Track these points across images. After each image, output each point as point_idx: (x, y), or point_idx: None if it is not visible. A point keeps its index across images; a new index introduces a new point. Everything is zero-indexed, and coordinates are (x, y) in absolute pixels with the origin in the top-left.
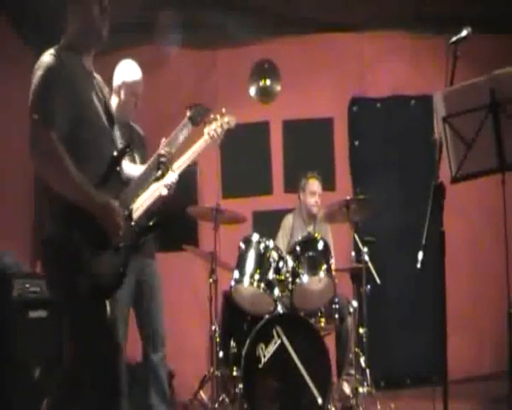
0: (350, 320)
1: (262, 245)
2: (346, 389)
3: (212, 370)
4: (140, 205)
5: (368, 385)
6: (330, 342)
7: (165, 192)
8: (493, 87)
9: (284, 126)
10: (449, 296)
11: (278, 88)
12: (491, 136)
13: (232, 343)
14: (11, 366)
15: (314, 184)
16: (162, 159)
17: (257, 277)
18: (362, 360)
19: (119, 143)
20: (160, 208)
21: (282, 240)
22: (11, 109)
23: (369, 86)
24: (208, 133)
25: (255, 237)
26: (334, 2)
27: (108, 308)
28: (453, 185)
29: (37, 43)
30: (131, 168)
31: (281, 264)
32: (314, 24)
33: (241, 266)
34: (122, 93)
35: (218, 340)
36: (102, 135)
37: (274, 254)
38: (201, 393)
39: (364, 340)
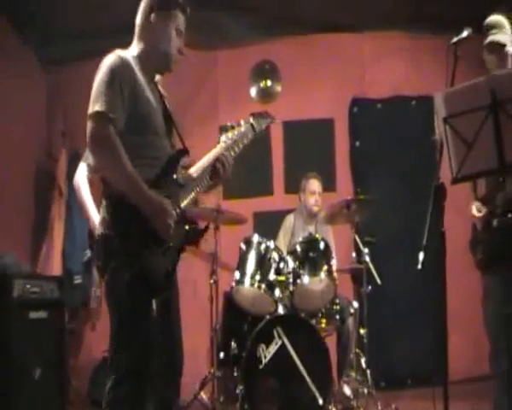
0: (351, 321)
1: (263, 246)
2: (347, 389)
3: (212, 370)
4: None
5: (368, 386)
6: (331, 342)
7: None
8: (494, 87)
9: (285, 127)
10: (449, 297)
11: (279, 89)
12: (491, 136)
13: (233, 344)
14: (11, 366)
15: (314, 184)
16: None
17: (258, 277)
18: (362, 360)
19: None
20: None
21: (283, 240)
22: (11, 109)
23: (369, 87)
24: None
25: (256, 237)
26: (335, 3)
27: (154, 308)
28: (454, 186)
29: (37, 43)
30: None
31: (281, 265)
32: (315, 25)
33: (241, 266)
34: None
35: (218, 341)
36: (158, 137)
37: (275, 255)
38: (202, 393)
39: (365, 341)
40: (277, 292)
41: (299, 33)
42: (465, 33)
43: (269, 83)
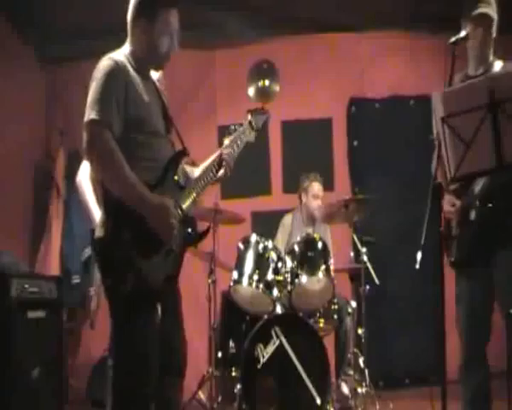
0: (349, 321)
1: (261, 245)
2: (345, 389)
3: (210, 370)
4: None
5: (366, 385)
6: (329, 342)
7: None
8: (492, 87)
9: (283, 127)
10: (447, 296)
11: (277, 88)
12: (489, 136)
13: (231, 344)
14: (10, 366)
15: (318, 188)
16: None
17: (256, 277)
18: (360, 360)
19: None
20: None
21: (281, 240)
22: (10, 108)
23: (367, 87)
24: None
25: (254, 237)
26: (333, 3)
27: (160, 313)
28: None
29: (37, 42)
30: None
31: (280, 264)
32: (313, 24)
33: (239, 266)
34: None
35: (216, 340)
36: (157, 138)
37: (273, 255)
38: (200, 393)
39: (363, 340)
40: (275, 292)
41: (297, 33)
42: (463, 33)
43: (267, 82)
